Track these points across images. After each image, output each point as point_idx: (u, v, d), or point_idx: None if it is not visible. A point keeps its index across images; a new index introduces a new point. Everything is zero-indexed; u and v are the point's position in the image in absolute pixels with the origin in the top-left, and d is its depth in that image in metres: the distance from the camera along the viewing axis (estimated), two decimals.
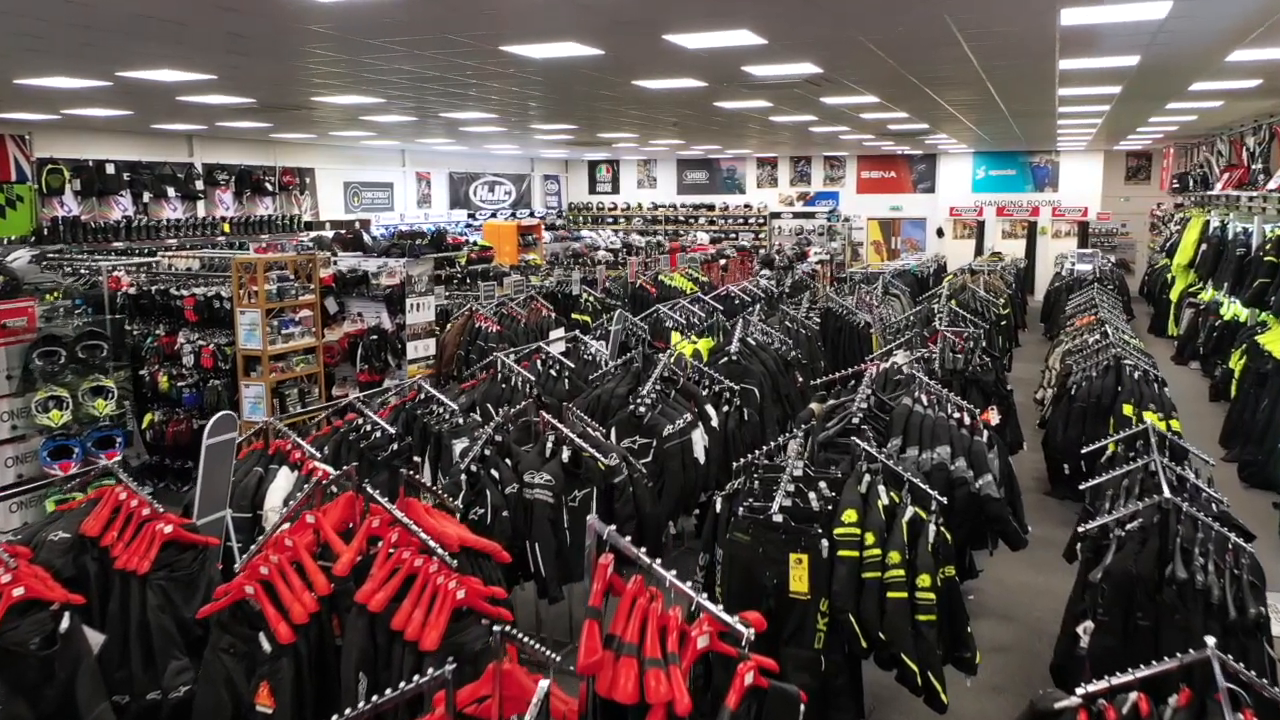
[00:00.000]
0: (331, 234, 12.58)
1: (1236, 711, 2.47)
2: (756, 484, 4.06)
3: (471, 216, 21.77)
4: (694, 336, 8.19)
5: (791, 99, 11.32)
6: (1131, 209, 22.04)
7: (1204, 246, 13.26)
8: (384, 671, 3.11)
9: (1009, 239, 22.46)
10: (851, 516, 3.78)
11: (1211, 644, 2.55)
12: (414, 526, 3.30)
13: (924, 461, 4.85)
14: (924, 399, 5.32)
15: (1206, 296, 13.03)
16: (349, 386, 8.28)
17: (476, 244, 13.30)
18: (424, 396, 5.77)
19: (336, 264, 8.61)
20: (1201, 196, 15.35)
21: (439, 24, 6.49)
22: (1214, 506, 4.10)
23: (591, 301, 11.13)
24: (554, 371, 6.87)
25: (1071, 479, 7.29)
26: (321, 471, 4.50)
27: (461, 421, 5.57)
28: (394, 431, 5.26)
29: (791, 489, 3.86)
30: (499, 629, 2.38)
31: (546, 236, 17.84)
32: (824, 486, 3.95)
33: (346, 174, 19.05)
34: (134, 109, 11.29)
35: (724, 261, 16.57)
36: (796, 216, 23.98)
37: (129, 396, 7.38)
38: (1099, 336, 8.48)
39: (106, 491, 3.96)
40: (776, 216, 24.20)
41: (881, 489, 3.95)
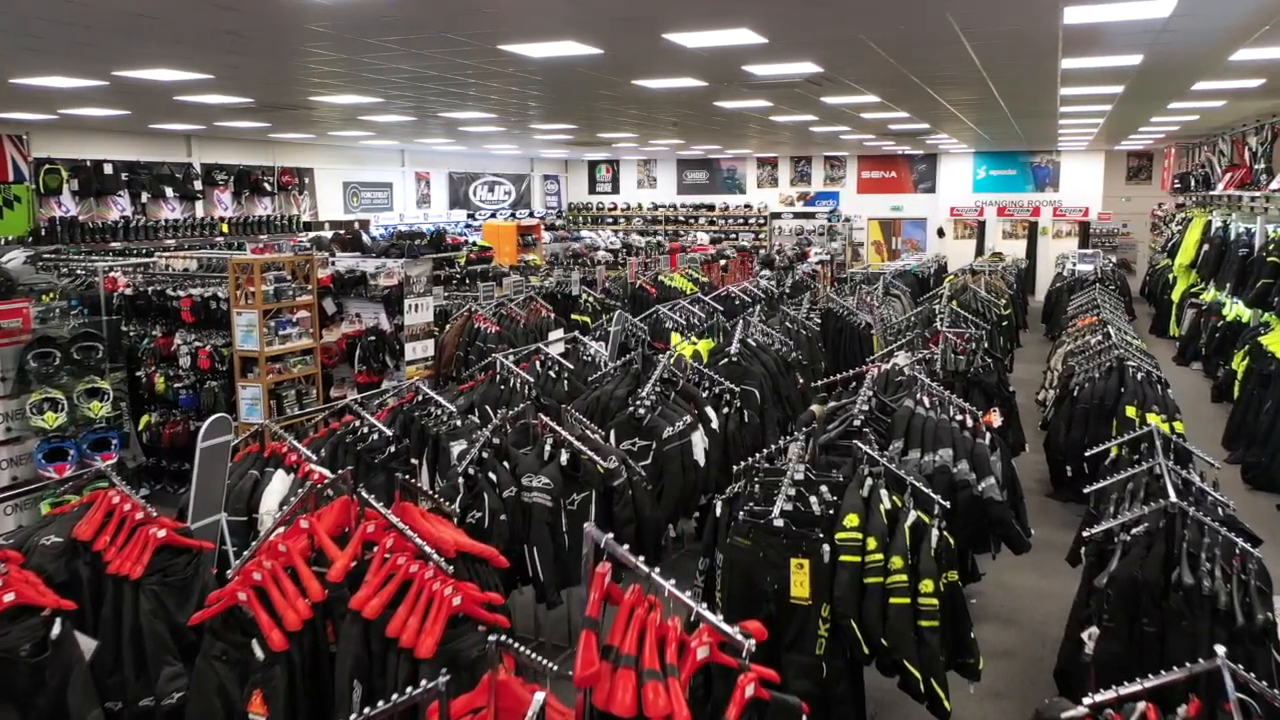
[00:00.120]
0: (330, 234, 12.53)
1: None
2: (757, 488, 4.02)
3: (471, 217, 21.73)
4: (694, 337, 8.15)
5: (792, 98, 11.28)
6: (1132, 209, 22.00)
7: (1206, 247, 13.22)
8: (379, 679, 3.08)
9: (1010, 239, 22.42)
10: (853, 521, 3.73)
11: (1222, 653, 2.50)
12: (409, 532, 3.26)
13: (926, 464, 4.81)
14: (926, 401, 5.28)
15: (1208, 297, 12.99)
16: (347, 388, 8.23)
17: (476, 244, 13.25)
18: (422, 398, 5.73)
19: (334, 264, 8.56)
20: (1203, 196, 15.30)
21: (436, 23, 6.45)
22: (1220, 510, 4.05)
23: (591, 302, 11.09)
24: (553, 373, 6.82)
25: (1074, 481, 7.26)
26: (317, 475, 4.46)
27: (460, 423, 5.52)
28: (391, 434, 5.22)
29: (792, 493, 3.82)
30: (495, 637, 2.33)
31: (546, 237, 17.79)
32: (825, 490, 3.90)
33: (345, 174, 19.00)
34: (131, 109, 11.25)
35: (724, 262, 16.52)
36: (797, 217, 23.93)
37: (125, 398, 7.34)
38: (1101, 337, 8.43)
39: (99, 495, 3.92)
40: (777, 217, 24.16)
41: (884, 493, 3.90)
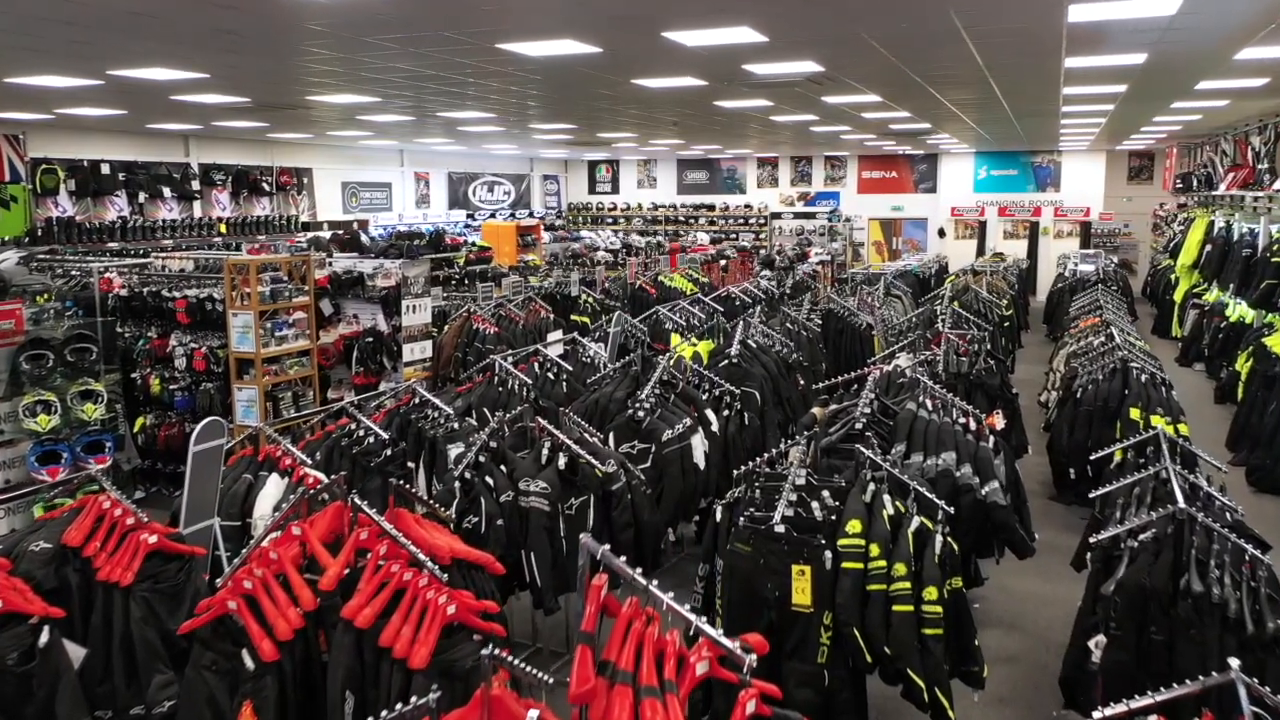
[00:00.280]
0: (329, 234, 12.46)
1: None
2: (758, 493, 3.96)
3: (470, 217, 21.67)
4: (694, 338, 8.09)
5: (792, 98, 11.21)
6: (1134, 209, 21.93)
7: (1209, 247, 13.16)
8: (372, 690, 3.02)
9: (1011, 239, 22.35)
10: (856, 527, 3.67)
11: (1236, 665, 2.44)
12: (403, 539, 3.19)
13: (929, 468, 4.75)
14: (928, 404, 5.21)
15: (1211, 298, 12.92)
16: (344, 389, 8.17)
17: (475, 244, 13.18)
18: (419, 400, 5.66)
19: (331, 265, 8.50)
20: (1205, 196, 15.23)
21: (435, 21, 6.39)
22: (1228, 515, 3.99)
23: (590, 303, 11.02)
24: (552, 374, 6.76)
25: (1077, 483, 7.21)
26: (311, 479, 4.40)
27: (457, 426, 5.46)
28: (387, 437, 5.15)
29: (794, 498, 3.76)
30: (488, 651, 2.27)
31: (546, 237, 17.73)
32: (827, 495, 3.84)
33: (344, 174, 18.93)
34: (128, 108, 11.18)
35: (724, 262, 16.46)
36: (797, 217, 23.87)
37: (120, 400, 7.27)
38: (1104, 338, 8.37)
39: (90, 500, 3.86)
40: (777, 217, 24.09)
41: (886, 498, 3.84)
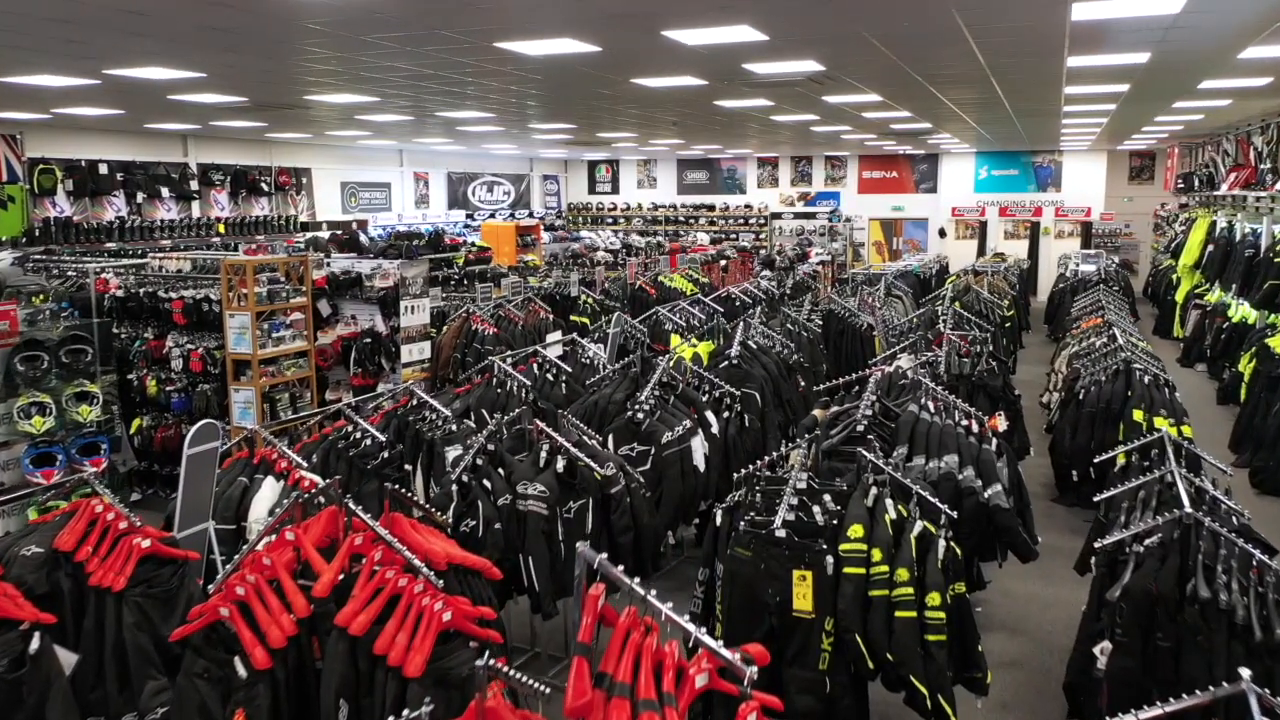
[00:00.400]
0: (328, 235, 12.41)
1: None
2: (758, 496, 3.90)
3: (470, 217, 21.61)
4: (694, 339, 8.04)
5: (793, 97, 11.16)
6: (1135, 209, 21.87)
7: (1211, 247, 13.11)
8: (366, 699, 2.97)
9: (1011, 239, 22.31)
10: (858, 531, 3.62)
11: (1247, 675, 2.39)
12: (397, 544, 3.14)
13: (931, 471, 4.70)
14: (930, 406, 5.16)
15: (1213, 298, 12.88)
16: (342, 390, 8.12)
17: (474, 245, 13.12)
18: (416, 402, 5.61)
19: (329, 266, 8.45)
20: (1207, 196, 15.18)
21: (431, 20, 6.33)
22: (1234, 519, 3.94)
23: (590, 303, 10.97)
24: (551, 376, 6.71)
25: (1080, 485, 7.16)
26: (307, 482, 4.35)
27: (455, 428, 5.40)
28: (384, 439, 5.10)
29: (795, 502, 3.70)
30: (483, 663, 2.21)
31: (545, 237, 17.67)
32: (829, 500, 3.79)
33: (344, 174, 18.88)
34: (125, 108, 11.13)
35: (724, 262, 16.40)
36: (797, 217, 23.83)
37: (116, 401, 7.23)
38: (1106, 339, 8.32)
39: (82, 504, 3.81)
40: (777, 217, 24.05)
41: (889, 502, 3.79)
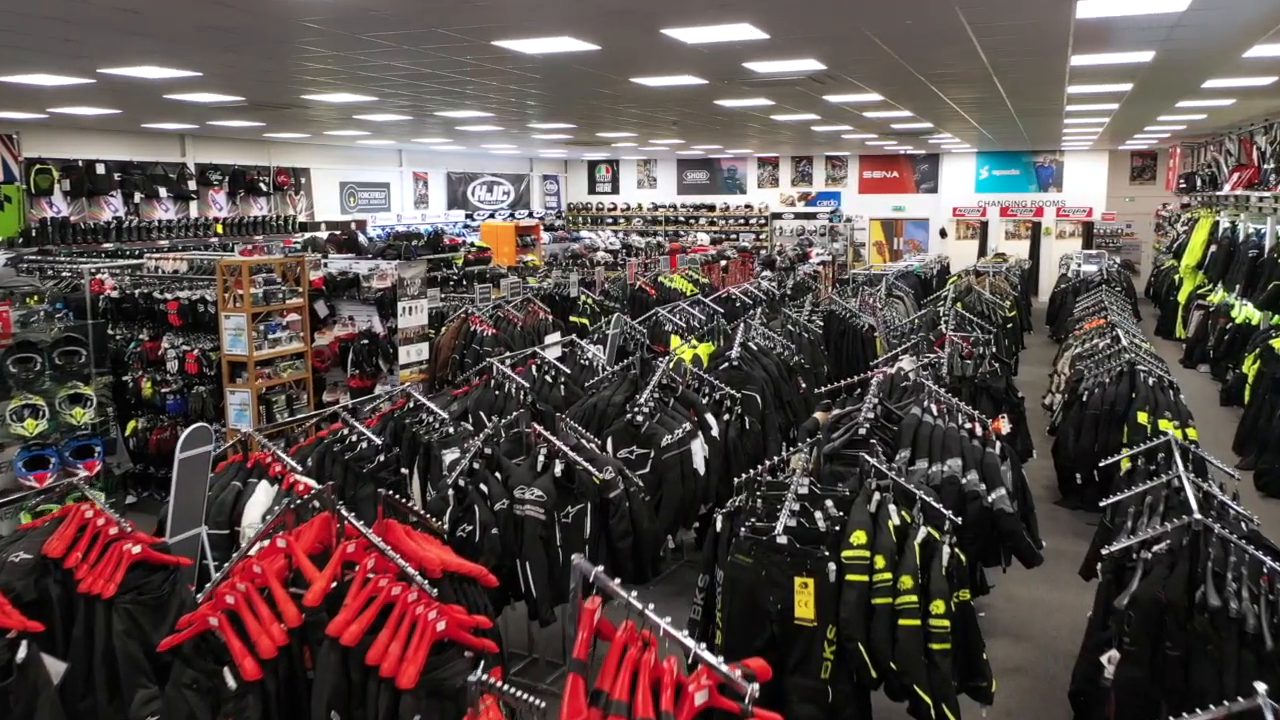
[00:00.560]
0: (326, 235, 12.35)
1: None
2: (759, 502, 3.83)
3: (469, 217, 21.55)
4: (694, 340, 7.97)
5: (794, 97, 11.10)
6: (1136, 209, 21.79)
7: (1213, 248, 13.04)
8: (358, 710, 2.90)
9: (1012, 240, 22.24)
10: (860, 538, 3.55)
11: (1263, 690, 2.32)
12: (390, 552, 3.08)
13: (934, 475, 4.62)
14: (933, 408, 5.09)
15: (1216, 299, 12.81)
16: (340, 392, 8.06)
17: (474, 245, 13.07)
18: (413, 404, 5.54)
19: (327, 266, 8.39)
20: (1209, 197, 15.10)
21: (428, 17, 6.27)
22: (1243, 525, 3.87)
23: (589, 304, 10.91)
24: (549, 378, 6.65)
25: (1083, 488, 7.09)
26: (302, 486, 4.29)
27: (452, 431, 5.34)
28: (380, 442, 5.04)
29: (796, 508, 3.63)
30: (475, 678, 2.15)
31: (545, 237, 17.62)
32: (831, 505, 3.72)
33: (342, 174, 18.81)
34: (122, 107, 11.06)
35: (724, 263, 16.34)
36: (798, 217, 23.76)
37: (111, 403, 7.16)
38: (1110, 340, 8.25)
39: (71, 509, 3.75)
40: (778, 217, 23.99)
41: (892, 508, 3.72)
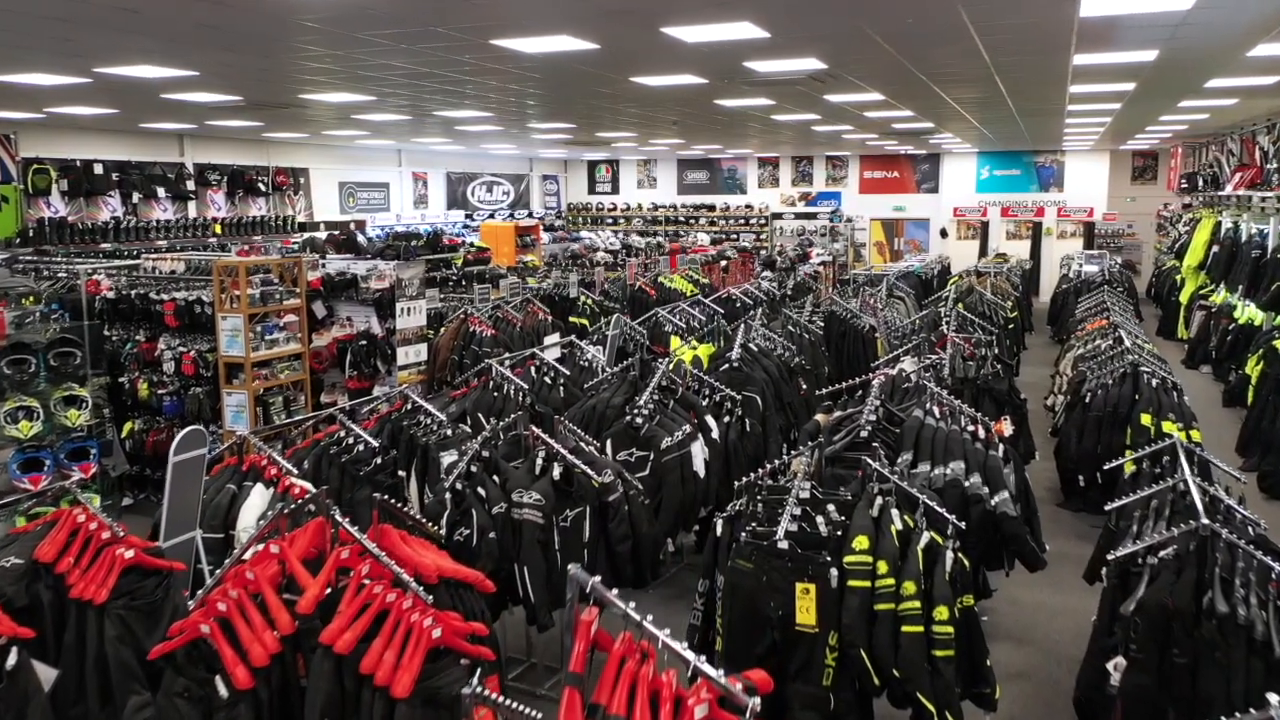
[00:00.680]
0: (324, 235, 12.29)
1: None
2: (760, 506, 3.78)
3: (469, 217, 21.50)
4: (694, 341, 7.92)
5: (794, 96, 11.05)
6: (1137, 209, 21.73)
7: (1216, 248, 12.98)
8: (353, 719, 2.85)
9: (1013, 240, 22.19)
10: (863, 543, 3.50)
11: (1275, 701, 2.27)
12: (385, 558, 3.03)
13: (936, 478, 4.57)
14: (935, 410, 5.04)
15: (1218, 299, 12.75)
16: (338, 393, 8.01)
17: (473, 245, 13.02)
18: (411, 406, 5.49)
19: (324, 267, 8.34)
20: (1211, 197, 15.05)
21: (425, 16, 6.22)
22: (1250, 530, 3.82)
23: (589, 305, 10.86)
24: (549, 379, 6.60)
25: (1086, 490, 7.05)
26: (298, 489, 4.24)
27: (450, 433, 5.29)
28: (377, 444, 4.99)
29: (798, 512, 3.58)
30: (469, 691, 2.10)
31: (545, 237, 17.57)
32: (832, 510, 3.67)
33: (341, 174, 18.76)
34: (119, 107, 11.01)
35: (725, 263, 16.29)
36: (798, 217, 23.72)
37: (107, 405, 7.12)
38: (1112, 341, 8.20)
39: (63, 513, 3.70)
40: (778, 217, 23.94)
41: (894, 512, 3.67)
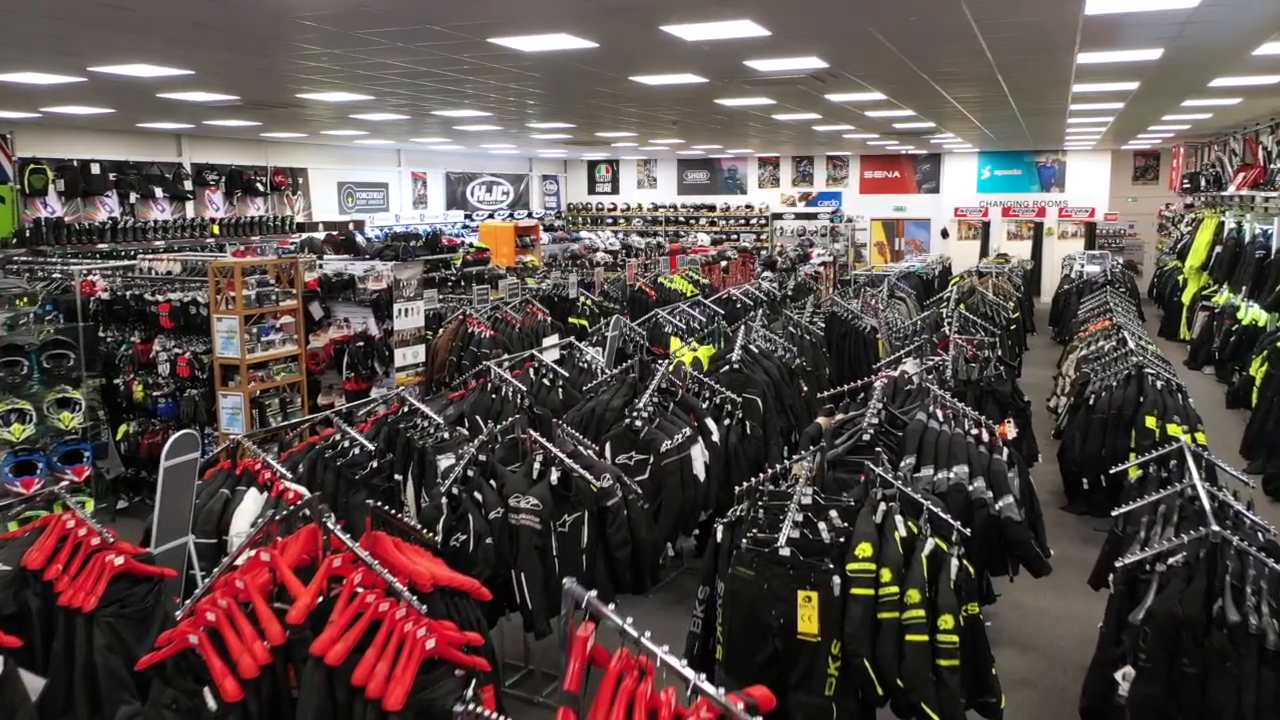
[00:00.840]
0: (323, 235, 12.23)
1: None
2: (761, 512, 3.71)
3: (468, 217, 21.45)
4: (694, 343, 7.86)
5: (795, 96, 10.99)
6: (1139, 209, 21.67)
7: (1219, 248, 12.92)
8: None
9: (1015, 240, 22.13)
10: (866, 550, 3.43)
11: None
12: (378, 566, 2.96)
13: (940, 482, 4.51)
14: (939, 413, 4.97)
15: (1221, 300, 12.69)
16: (335, 395, 7.94)
17: (472, 245, 12.96)
18: (408, 409, 5.42)
19: (322, 267, 8.27)
20: (1214, 197, 14.98)
21: (422, 14, 6.16)
22: (1260, 536, 3.75)
23: (589, 305, 10.80)
24: (547, 381, 6.53)
25: (1090, 493, 6.99)
26: (292, 494, 4.18)
27: (447, 436, 5.22)
28: (373, 448, 4.92)
29: (799, 519, 3.51)
30: (464, 705, 2.03)
31: (544, 238, 17.51)
32: (835, 516, 3.60)
33: (340, 174, 18.69)
34: (116, 107, 10.95)
35: (725, 263, 16.22)
36: (799, 217, 23.66)
37: (102, 407, 7.06)
38: (1115, 343, 8.14)
39: (52, 519, 3.64)
40: (778, 217, 23.88)
41: (898, 519, 3.60)
